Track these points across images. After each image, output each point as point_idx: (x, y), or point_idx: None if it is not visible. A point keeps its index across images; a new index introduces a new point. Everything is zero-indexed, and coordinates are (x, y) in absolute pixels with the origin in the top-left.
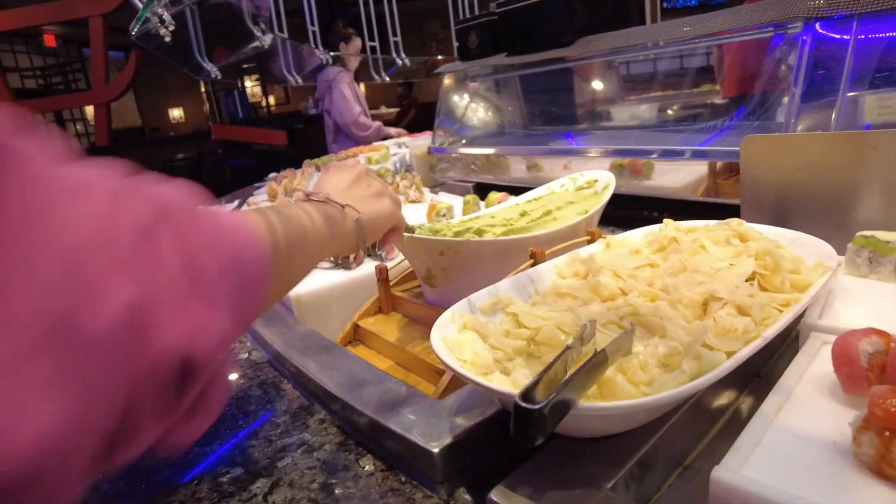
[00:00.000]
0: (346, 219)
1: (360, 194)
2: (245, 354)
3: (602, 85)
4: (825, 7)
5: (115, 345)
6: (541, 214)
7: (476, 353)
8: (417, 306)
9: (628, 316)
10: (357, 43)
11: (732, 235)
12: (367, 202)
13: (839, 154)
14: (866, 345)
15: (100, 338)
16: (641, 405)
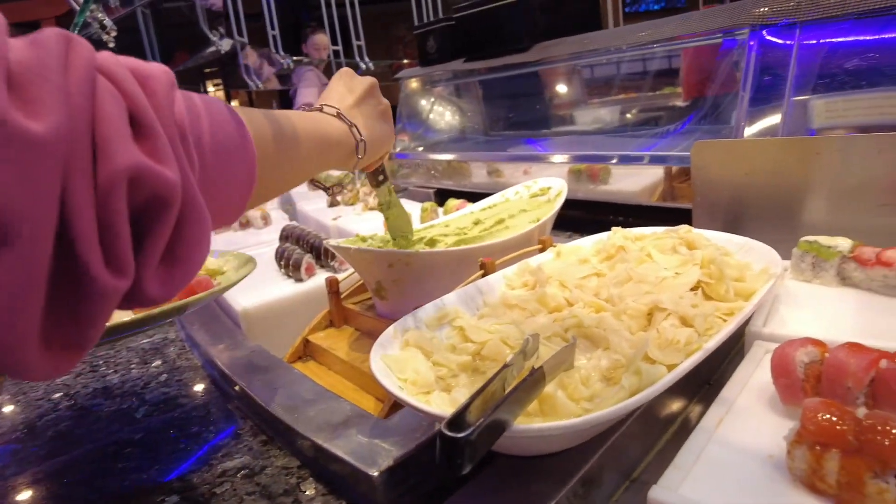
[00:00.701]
0: (343, 129)
1: (367, 111)
2: (191, 373)
3: (561, 89)
4: (770, 14)
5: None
6: (493, 223)
7: (417, 371)
8: (369, 319)
9: (573, 328)
10: (317, 38)
11: (680, 243)
12: (373, 122)
13: (786, 159)
14: (802, 355)
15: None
16: (576, 426)
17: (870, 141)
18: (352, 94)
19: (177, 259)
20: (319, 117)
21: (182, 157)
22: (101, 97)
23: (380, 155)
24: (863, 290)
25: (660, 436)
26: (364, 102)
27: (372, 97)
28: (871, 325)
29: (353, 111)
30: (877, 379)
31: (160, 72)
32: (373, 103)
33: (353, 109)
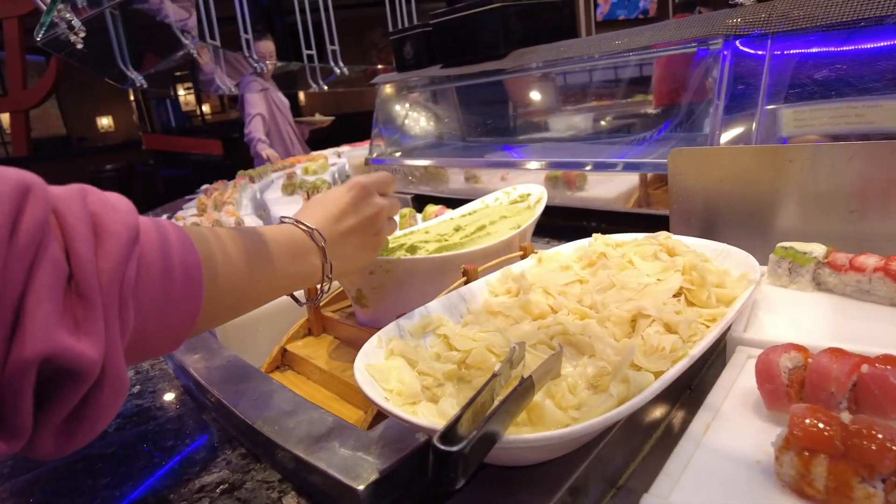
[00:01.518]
0: (316, 256)
1: (357, 241)
2: (164, 383)
3: (538, 96)
4: (742, 25)
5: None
6: (474, 230)
7: (403, 381)
8: (349, 328)
9: (558, 335)
10: (261, 45)
11: (660, 250)
12: (356, 252)
13: (760, 166)
14: (786, 361)
15: None
16: (567, 435)
17: (840, 149)
18: (350, 216)
19: (80, 421)
20: (292, 238)
21: (114, 324)
22: (41, 266)
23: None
24: (837, 295)
25: (644, 442)
26: (358, 231)
27: (371, 226)
28: (847, 329)
29: (340, 238)
30: (859, 383)
31: (123, 228)
32: (369, 232)
33: (342, 237)
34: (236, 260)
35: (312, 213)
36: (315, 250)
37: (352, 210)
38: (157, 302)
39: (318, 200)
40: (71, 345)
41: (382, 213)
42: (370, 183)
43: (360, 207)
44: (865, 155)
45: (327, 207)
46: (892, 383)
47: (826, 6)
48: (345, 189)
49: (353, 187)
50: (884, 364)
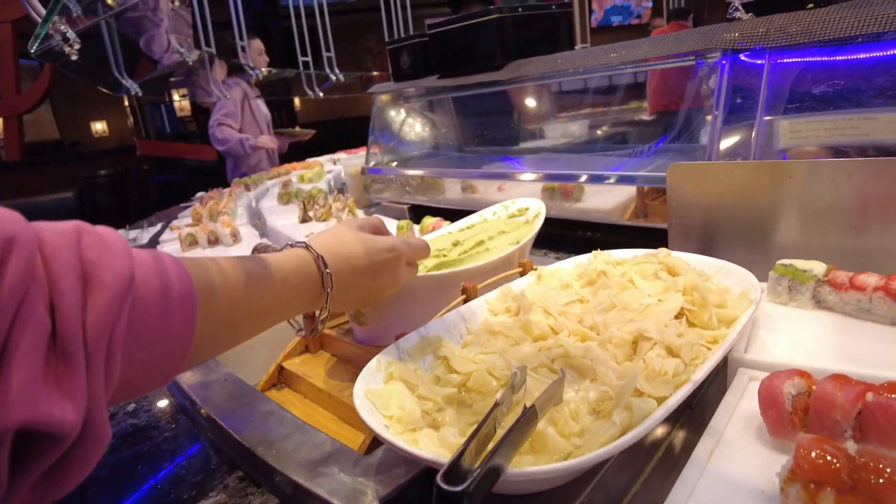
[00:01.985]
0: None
1: (360, 297)
2: (160, 402)
3: (535, 106)
4: (740, 39)
5: None
6: (473, 245)
7: (403, 407)
8: (346, 345)
9: (559, 358)
10: (255, 43)
11: (661, 268)
12: (351, 304)
13: (759, 181)
14: (790, 387)
15: None
16: (570, 468)
17: (839, 165)
18: (368, 277)
19: (59, 476)
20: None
21: (98, 380)
22: (22, 325)
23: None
24: (837, 314)
25: (645, 464)
26: (369, 290)
27: (382, 289)
28: (848, 349)
29: (348, 289)
30: (864, 412)
31: (115, 278)
32: (377, 292)
33: (350, 289)
34: (238, 299)
35: (338, 253)
36: (318, 290)
37: (375, 271)
38: (149, 346)
39: (352, 239)
40: (50, 412)
41: (401, 282)
42: (409, 253)
43: (386, 272)
44: (865, 171)
45: (356, 255)
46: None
47: (823, 22)
48: (384, 249)
49: (393, 251)
50: (889, 392)
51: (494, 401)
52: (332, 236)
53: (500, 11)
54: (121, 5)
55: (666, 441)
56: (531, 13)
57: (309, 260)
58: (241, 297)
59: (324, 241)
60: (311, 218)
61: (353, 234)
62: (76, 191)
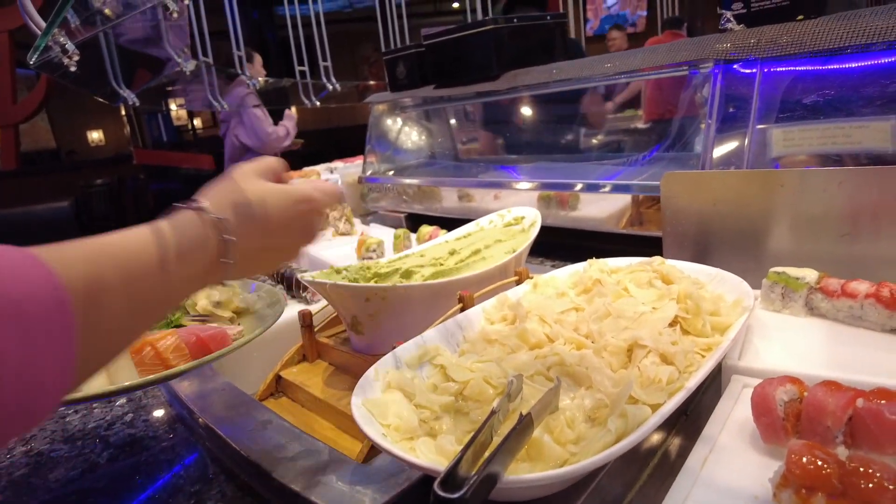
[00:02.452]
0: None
1: (276, 257)
2: (158, 412)
3: (530, 115)
4: (732, 50)
5: None
6: (470, 254)
7: (400, 416)
8: (344, 354)
9: (555, 366)
10: (258, 61)
11: (655, 277)
12: (266, 264)
13: (752, 190)
14: (782, 394)
15: None
16: (565, 475)
17: (830, 174)
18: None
19: None
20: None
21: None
22: None
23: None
24: (830, 320)
25: (641, 471)
26: (286, 249)
27: (298, 246)
28: (840, 356)
29: (262, 252)
30: (854, 417)
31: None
32: (294, 249)
33: (264, 251)
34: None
35: (243, 213)
36: (217, 263)
37: (289, 228)
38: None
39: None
40: None
41: (315, 235)
42: (324, 201)
43: (300, 227)
44: (855, 179)
45: (264, 216)
46: (888, 418)
47: (812, 33)
48: (298, 200)
49: (309, 201)
50: (879, 398)
51: (491, 409)
52: (232, 191)
53: (495, 22)
54: (119, 17)
55: (661, 448)
56: (526, 24)
57: (205, 226)
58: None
59: (222, 198)
60: None
61: (259, 186)
62: (72, 200)
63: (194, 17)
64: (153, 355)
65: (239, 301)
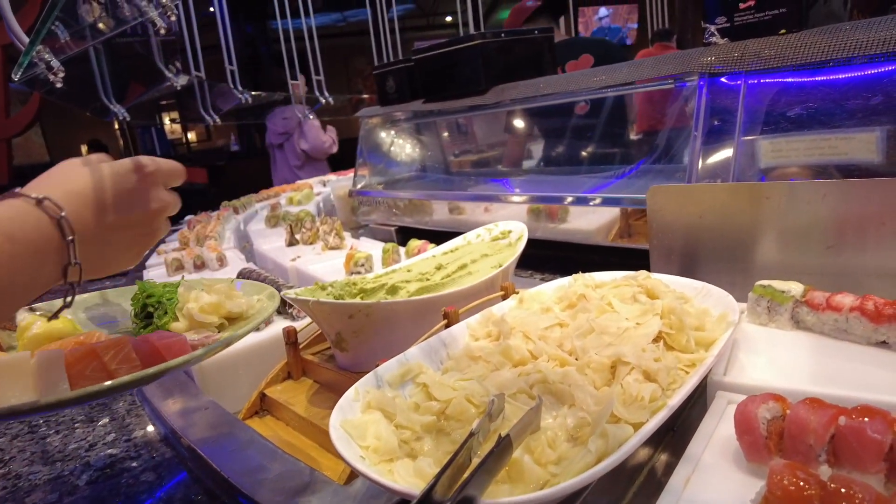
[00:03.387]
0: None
1: (122, 239)
2: (140, 431)
3: (519, 128)
4: (717, 63)
5: None
6: (456, 268)
7: (379, 437)
8: (328, 371)
9: (538, 384)
10: (302, 79)
11: (640, 291)
12: (116, 253)
13: (738, 203)
14: (765, 412)
15: None
16: (544, 498)
17: (814, 187)
18: (124, 208)
19: None
20: (22, 229)
21: None
22: None
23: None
24: (816, 334)
25: (627, 489)
26: (130, 227)
27: (148, 224)
28: (826, 370)
29: (104, 233)
30: (837, 436)
31: None
32: (142, 231)
33: (107, 231)
34: None
35: (67, 189)
36: (56, 247)
37: (129, 200)
38: None
39: (78, 170)
40: None
41: (165, 211)
42: (160, 171)
43: (141, 198)
44: (838, 192)
45: (93, 186)
46: (870, 436)
47: (795, 47)
48: (126, 169)
49: (139, 171)
50: (861, 416)
51: (470, 430)
52: (50, 174)
53: (483, 37)
54: (109, 31)
55: (647, 465)
56: (514, 38)
57: (25, 207)
58: None
59: (40, 182)
60: (298, 241)
61: (80, 166)
62: None
63: (186, 33)
64: (97, 367)
65: (231, 306)
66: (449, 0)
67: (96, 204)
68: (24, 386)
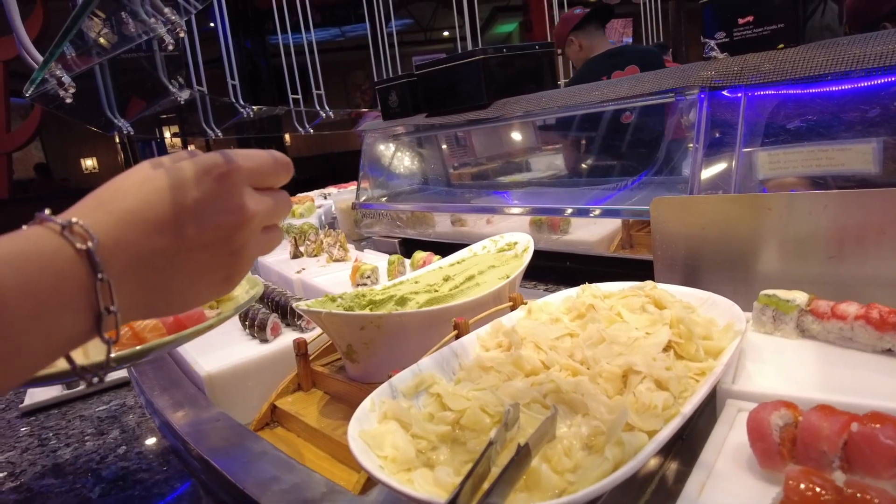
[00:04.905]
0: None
1: (192, 267)
2: (151, 442)
3: (521, 141)
4: (717, 77)
5: None
6: (464, 280)
7: (397, 447)
8: (339, 382)
9: (551, 394)
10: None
11: (647, 301)
12: (186, 286)
13: (739, 214)
14: (777, 419)
15: None
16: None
17: (815, 198)
18: (189, 223)
19: None
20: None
21: None
22: None
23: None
24: (821, 342)
25: (638, 497)
26: (201, 250)
27: (225, 244)
28: (833, 378)
29: (161, 259)
30: (849, 442)
31: None
32: (220, 252)
33: (163, 258)
34: None
35: (114, 207)
36: (82, 288)
37: (196, 212)
38: None
39: (136, 178)
40: None
41: (251, 223)
42: (241, 170)
43: (215, 208)
44: (839, 203)
45: (146, 199)
46: (882, 442)
47: (793, 61)
48: (195, 171)
49: (210, 172)
50: (872, 422)
51: (488, 439)
52: (114, 187)
53: (484, 52)
54: (115, 47)
55: (658, 473)
56: (515, 53)
57: (50, 237)
58: None
59: (99, 200)
60: (303, 253)
61: (141, 170)
62: None
63: (189, 48)
64: (130, 335)
65: None
66: (446, 15)
67: (151, 222)
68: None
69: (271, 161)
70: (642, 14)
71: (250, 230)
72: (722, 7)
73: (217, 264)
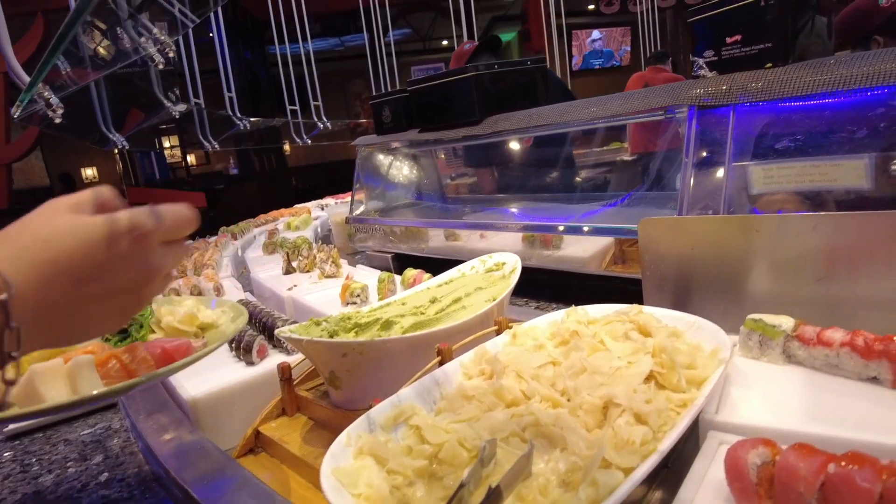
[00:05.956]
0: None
1: (97, 310)
2: (134, 470)
3: (514, 157)
4: (705, 96)
5: None
6: (450, 302)
7: (371, 485)
8: (323, 409)
9: (530, 427)
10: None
11: (632, 328)
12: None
13: (729, 235)
14: (754, 457)
15: None
16: None
17: (804, 219)
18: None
19: None
20: None
21: None
22: None
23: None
24: (808, 368)
25: None
26: (105, 298)
27: (130, 294)
28: (818, 407)
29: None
30: (826, 483)
31: None
32: (125, 300)
33: (75, 302)
34: None
35: (34, 258)
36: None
37: (113, 268)
38: None
39: (56, 226)
40: None
41: (159, 275)
42: (160, 229)
43: (131, 265)
44: (828, 225)
45: (70, 252)
46: (859, 485)
47: (781, 81)
48: (117, 230)
49: (132, 232)
50: (850, 463)
51: (460, 481)
52: (34, 230)
53: (476, 69)
54: (107, 67)
55: (642, 503)
56: (507, 70)
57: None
58: None
59: (20, 243)
60: (295, 269)
61: (57, 222)
62: None
63: (185, 61)
64: (118, 367)
65: (203, 317)
66: (445, 25)
67: (72, 276)
68: (60, 386)
69: (185, 219)
70: (639, 23)
71: (156, 282)
72: (710, 26)
73: (119, 309)
